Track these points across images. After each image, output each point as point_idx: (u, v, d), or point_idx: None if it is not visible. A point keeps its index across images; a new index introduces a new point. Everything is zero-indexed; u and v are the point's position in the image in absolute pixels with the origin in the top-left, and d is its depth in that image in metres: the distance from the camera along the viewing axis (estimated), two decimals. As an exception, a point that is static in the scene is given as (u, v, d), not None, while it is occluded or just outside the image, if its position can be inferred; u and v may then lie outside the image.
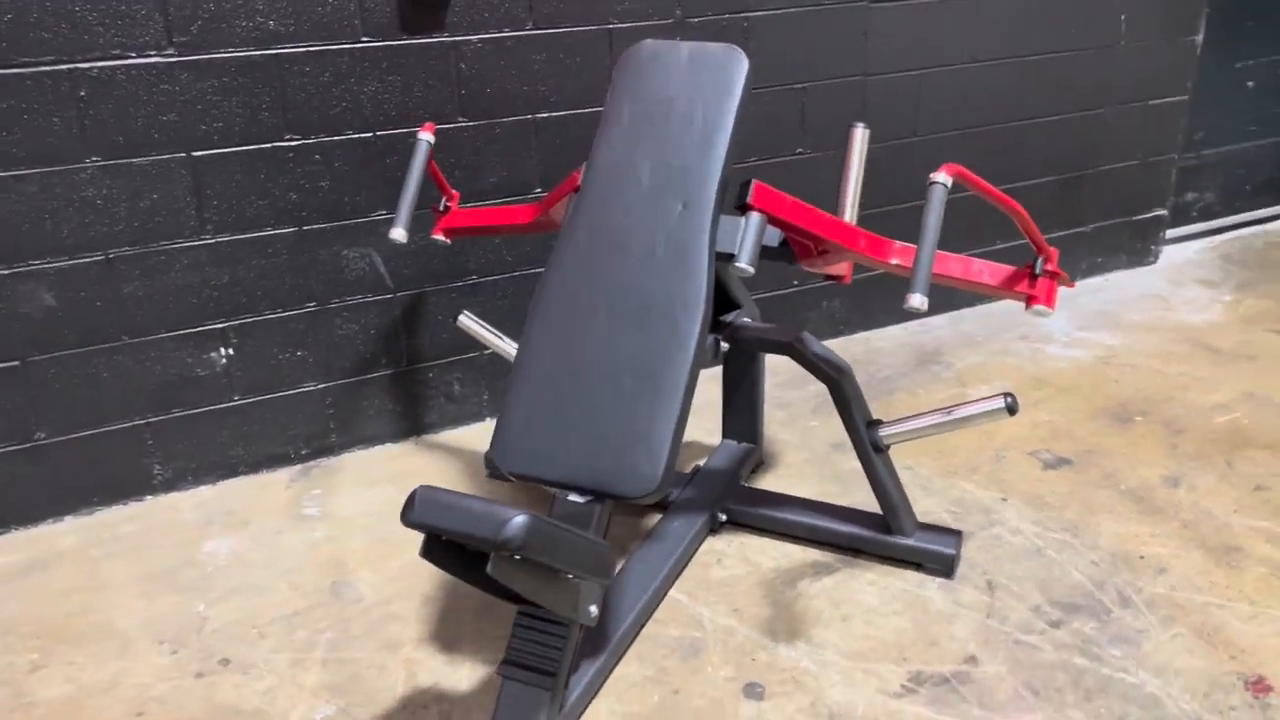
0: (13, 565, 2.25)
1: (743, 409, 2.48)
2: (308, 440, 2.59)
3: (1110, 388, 2.92)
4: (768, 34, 2.79)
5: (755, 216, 1.83)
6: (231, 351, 2.45)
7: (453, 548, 1.52)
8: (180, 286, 2.35)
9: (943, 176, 1.67)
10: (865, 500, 2.36)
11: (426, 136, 2.15)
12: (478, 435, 2.74)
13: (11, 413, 2.28)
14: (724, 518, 2.28)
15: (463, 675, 1.91)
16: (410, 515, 1.43)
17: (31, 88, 2.10)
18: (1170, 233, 3.90)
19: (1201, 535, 2.26)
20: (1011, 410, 1.99)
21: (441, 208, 2.35)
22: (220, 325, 2.42)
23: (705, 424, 2.71)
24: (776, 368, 3.02)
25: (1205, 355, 3.10)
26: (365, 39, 2.35)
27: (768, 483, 2.50)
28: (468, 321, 2.43)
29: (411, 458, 2.64)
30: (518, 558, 1.44)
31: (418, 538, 2.21)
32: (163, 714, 1.83)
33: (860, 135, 2.17)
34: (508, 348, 2.42)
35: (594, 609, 1.69)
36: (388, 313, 2.58)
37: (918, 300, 1.62)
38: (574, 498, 1.73)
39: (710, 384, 2.77)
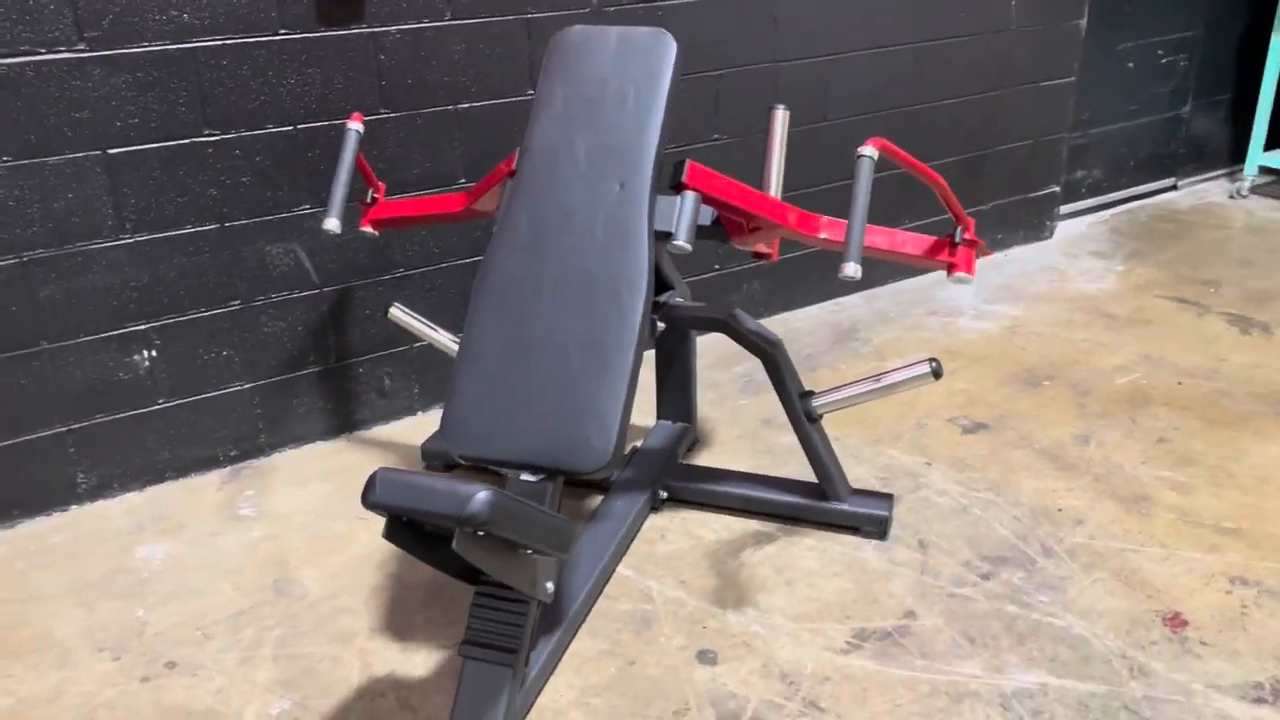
0: (-66, 583, 2.17)
1: (676, 389, 2.53)
2: (236, 441, 2.55)
3: (1018, 355, 3.06)
4: (682, 21, 2.84)
5: (690, 195, 1.88)
6: (155, 353, 2.40)
7: (413, 528, 1.53)
8: (99, 288, 2.29)
9: (870, 150, 1.74)
10: (797, 472, 2.44)
11: (356, 126, 2.14)
12: (410, 430, 2.73)
13: (-76, 425, 2.19)
14: (665, 495, 2.33)
15: (418, 661, 1.92)
16: (371, 497, 1.44)
17: (-65, 86, 2.03)
18: (1063, 208, 4.09)
19: (1113, 487, 2.39)
20: (937, 374, 2.08)
21: (369, 199, 2.34)
22: (142, 327, 2.36)
23: (639, 405, 2.75)
24: (702, 349, 3.08)
25: (1103, 322, 3.27)
26: (283, 31, 2.33)
27: (703, 460, 2.56)
28: (399, 313, 2.43)
29: (344, 454, 2.62)
30: (481, 534, 1.46)
31: (360, 533, 2.22)
32: (112, 719, 1.80)
33: (781, 117, 2.24)
34: (440, 338, 2.42)
35: (550, 585, 1.71)
36: (314, 308, 2.56)
37: (851, 269, 1.68)
38: (526, 477, 1.75)
39: (643, 366, 2.81)
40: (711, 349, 3.12)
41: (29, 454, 2.31)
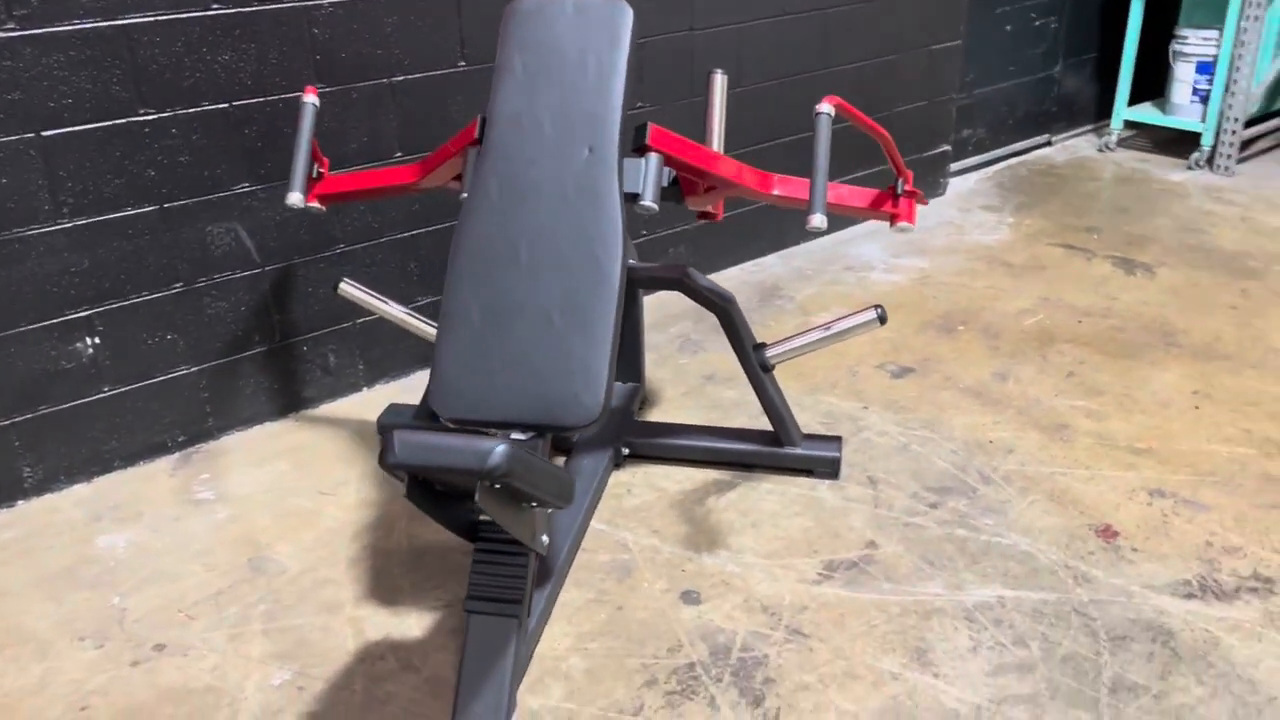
0: (-117, 588, 2.09)
1: (626, 350, 2.60)
2: (184, 426, 2.52)
3: (931, 304, 3.24)
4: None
5: (654, 157, 1.95)
6: (98, 340, 2.34)
7: (424, 486, 1.57)
8: (38, 275, 2.23)
9: (827, 107, 1.85)
10: (746, 423, 2.56)
11: (311, 99, 2.14)
12: (357, 406, 2.73)
13: None
14: (626, 451, 2.41)
15: (411, 623, 1.96)
16: (391, 458, 1.47)
17: None
18: (953, 166, 4.31)
19: (1034, 418, 2.59)
20: (882, 320, 2.22)
21: (314, 175, 2.33)
22: (84, 313, 2.31)
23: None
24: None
25: (1002, 270, 3.49)
26: (215, 6, 2.29)
27: (655, 417, 2.64)
28: (349, 289, 2.43)
29: (295, 433, 2.61)
30: (497, 488, 1.52)
31: (327, 507, 2.25)
32: (107, 705, 1.78)
33: (720, 81, 2.33)
34: (392, 311, 2.44)
35: (545, 538, 1.78)
36: (256, 288, 2.54)
37: (818, 220, 1.79)
38: (516, 435, 1.80)
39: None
40: (646, 311, 3.20)
41: (-29, 450, 2.24)
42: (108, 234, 2.29)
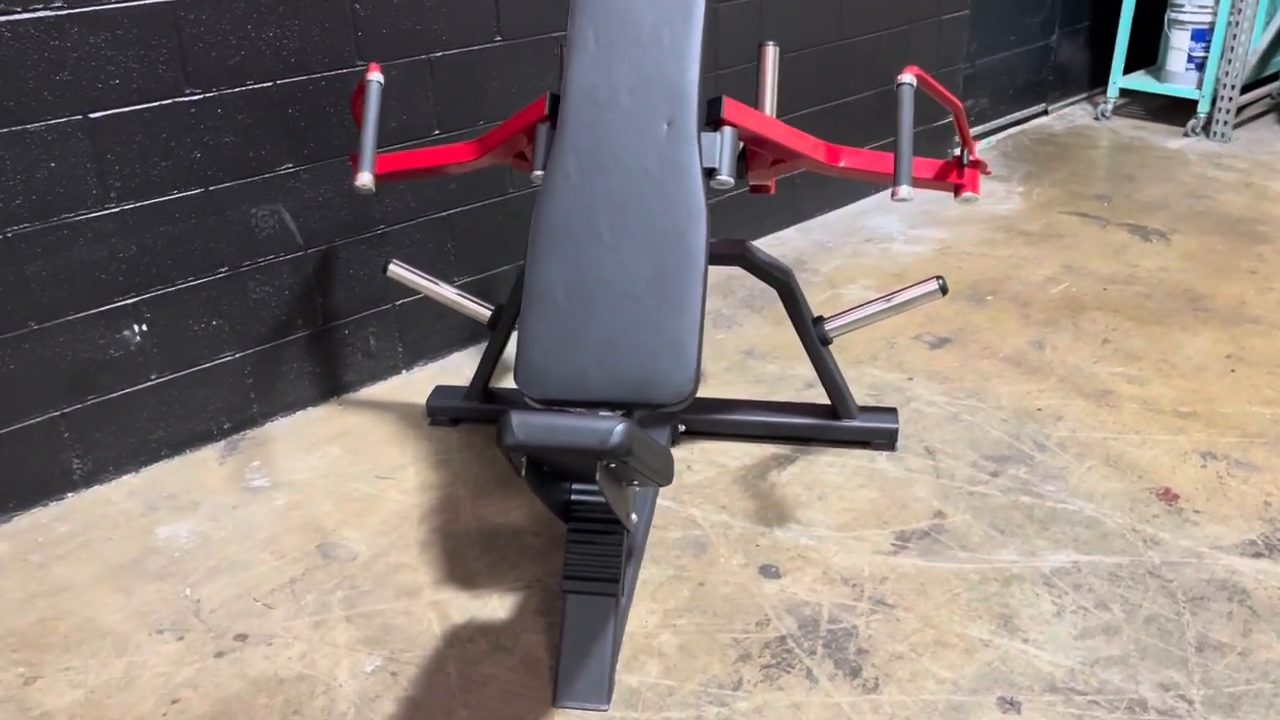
0: (-57, 585, 2.04)
1: (672, 326, 2.60)
2: (229, 413, 2.48)
3: (958, 274, 3.27)
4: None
5: (729, 130, 1.94)
6: (145, 328, 2.29)
7: (533, 466, 1.56)
8: (87, 262, 2.17)
9: (909, 78, 1.85)
10: (793, 396, 2.57)
11: (377, 77, 2.09)
12: (397, 389, 2.70)
13: (-89, 420, 2.04)
14: (682, 428, 2.40)
15: (495, 605, 1.95)
16: (510, 439, 1.46)
17: (-95, 51, 1.87)
18: (958, 136, 4.33)
19: (1078, 385, 2.62)
20: (944, 290, 2.23)
21: (365, 154, 2.28)
22: (132, 300, 2.25)
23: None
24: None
25: (1021, 239, 3.52)
26: (260, -18, 2.24)
27: (702, 393, 2.64)
28: (398, 269, 2.40)
29: (341, 418, 2.58)
30: (613, 466, 1.51)
31: (388, 490, 2.24)
32: (200, 697, 1.76)
33: (772, 52, 2.32)
34: (443, 292, 2.41)
35: (634, 515, 1.78)
36: (300, 270, 2.49)
37: (906, 191, 1.80)
38: (604, 414, 1.79)
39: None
40: (675, 288, 3.19)
41: (20, 443, 2.18)
42: (155, 218, 2.24)
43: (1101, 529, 2.10)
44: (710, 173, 1.93)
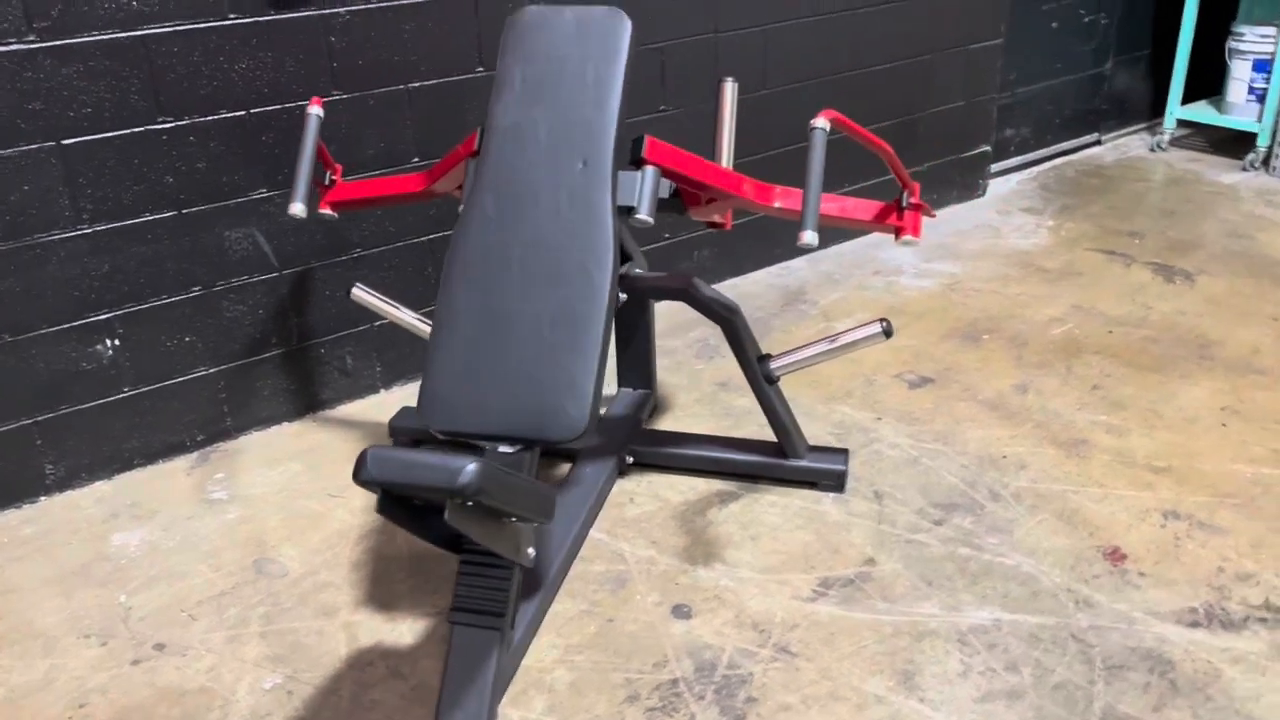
0: (-92, 580, 2.18)
1: (636, 357, 2.60)
2: (203, 426, 2.58)
3: (959, 311, 3.19)
4: (624, -4, 2.89)
5: (650, 170, 1.94)
6: (118, 342, 2.40)
7: (402, 501, 1.59)
8: (59, 279, 2.29)
9: (822, 122, 1.82)
10: (756, 432, 2.54)
11: (316, 110, 2.16)
12: (374, 407, 2.77)
13: (-112, 423, 2.19)
14: (631, 460, 2.41)
15: (403, 630, 1.98)
16: (364, 474, 1.49)
17: (-117, 81, 2.01)
18: (994, 167, 4.23)
19: (1052, 433, 2.53)
20: (887, 333, 2.19)
21: (327, 182, 2.36)
22: (104, 316, 2.37)
23: (597, 375, 2.83)
24: (657, 317, 3.16)
25: (1037, 275, 3.41)
26: (232, 15, 2.33)
27: (664, 424, 2.64)
28: (361, 294, 2.46)
29: (311, 434, 2.66)
30: (470, 504, 1.53)
31: (335, 510, 2.27)
32: (106, 703, 1.84)
33: (730, 89, 2.32)
34: (404, 316, 2.46)
35: (531, 551, 1.79)
36: (275, 291, 2.58)
37: (809, 236, 1.77)
38: (504, 448, 1.81)
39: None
40: (665, 316, 3.20)
41: (-5, 447, 2.32)
42: (127, 239, 2.35)
43: (1034, 586, 2.03)
44: (629, 210, 1.94)
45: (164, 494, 2.43)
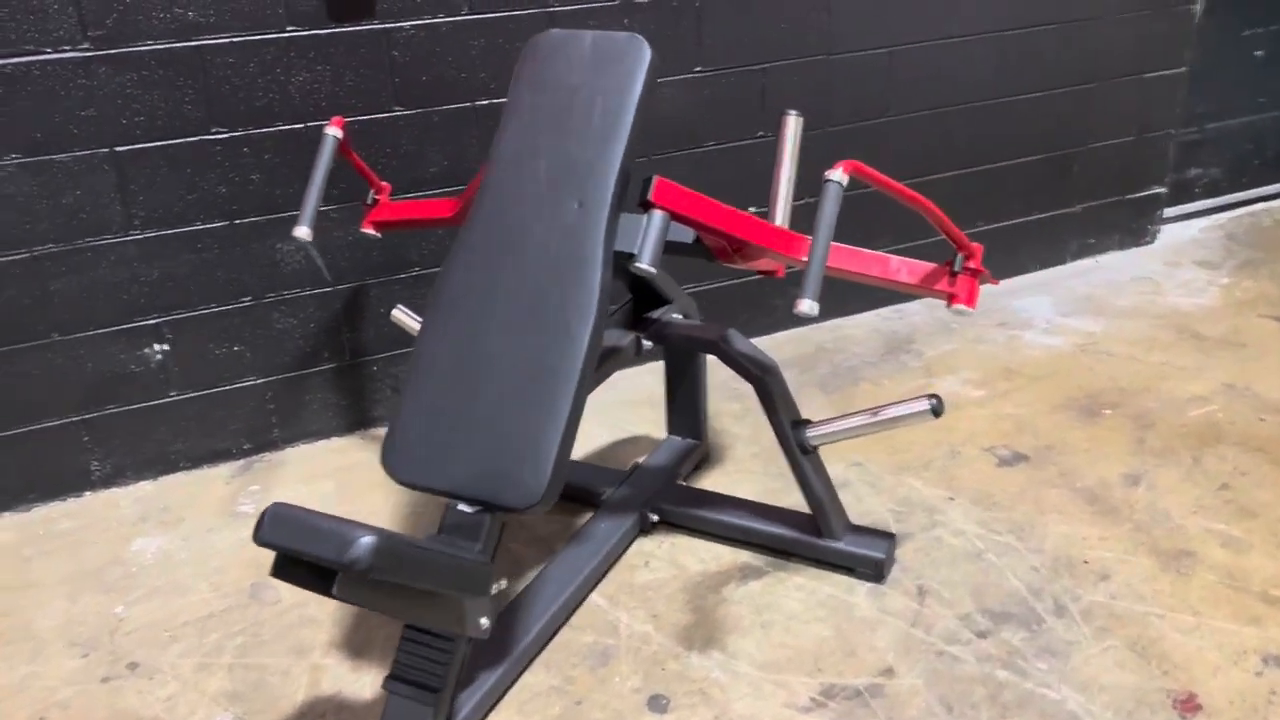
0: (-56, 563, 2.27)
1: (685, 405, 2.41)
2: (250, 435, 2.57)
3: (1083, 378, 2.81)
4: (723, 12, 2.69)
5: (657, 214, 1.75)
6: (167, 347, 2.43)
7: (309, 566, 1.48)
8: (109, 283, 2.33)
9: (838, 174, 1.58)
10: (803, 503, 2.29)
11: (334, 132, 2.09)
12: (426, 428, 2.69)
13: (-57, 411, 2.28)
14: (655, 518, 2.22)
15: (365, 683, 1.88)
16: (259, 534, 1.39)
17: (-56, 85, 2.09)
18: (1171, 211, 3.74)
19: (1153, 539, 2.16)
20: (936, 413, 1.91)
21: (369, 201, 2.29)
22: (154, 321, 2.40)
23: (650, 418, 2.66)
24: (737, 357, 2.95)
25: (1190, 343, 2.97)
26: (291, 28, 2.30)
27: (713, 479, 2.44)
28: (402, 315, 2.38)
29: (356, 451, 2.61)
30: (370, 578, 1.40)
31: None
32: (63, 718, 1.82)
33: (793, 124, 2.08)
34: (442, 343, 2.37)
35: (485, 621, 1.65)
36: (328, 306, 2.55)
37: (807, 305, 1.54)
38: (463, 507, 1.68)
39: (653, 378, 2.71)
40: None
41: (44, 441, 2.38)
42: (177, 246, 2.36)
43: (1075, 732, 1.71)
44: (631, 257, 1.75)
45: (197, 501, 2.43)
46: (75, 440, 2.41)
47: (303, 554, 1.37)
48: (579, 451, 2.57)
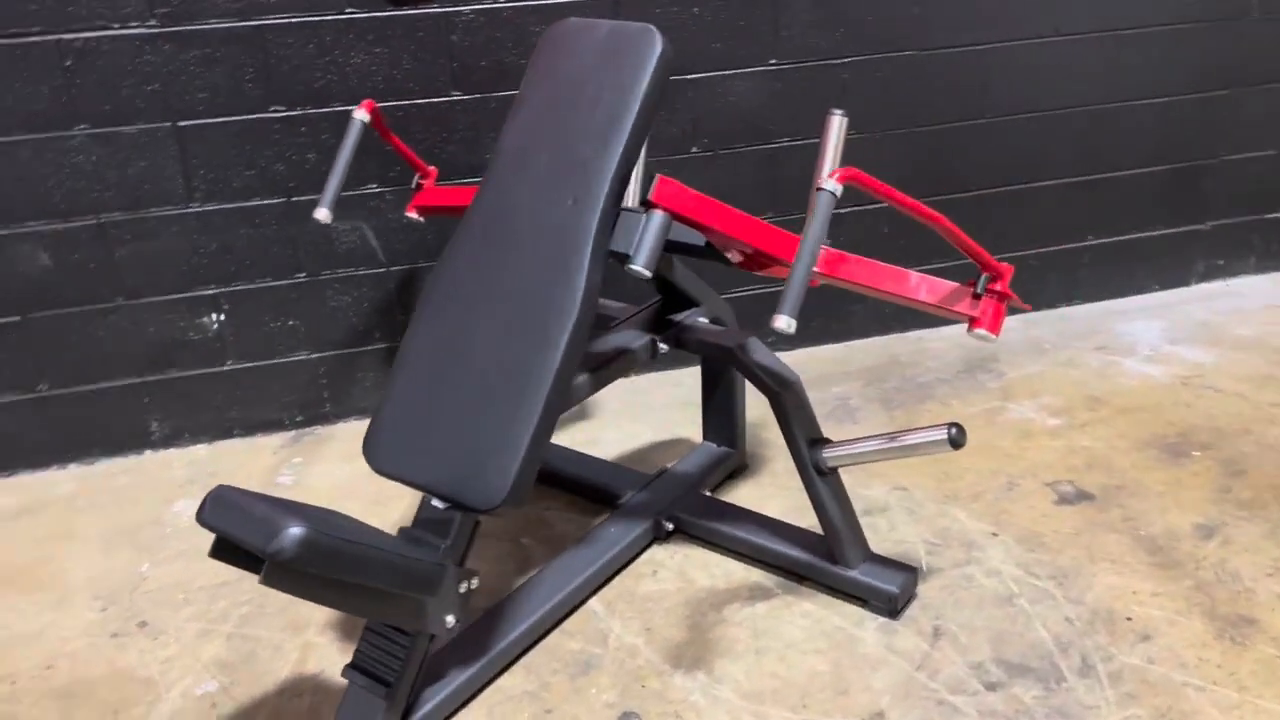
0: (6, 508, 2.40)
1: (719, 412, 2.33)
2: (302, 408, 2.63)
3: (1178, 413, 2.56)
4: (798, 4, 2.57)
5: (657, 215, 1.67)
6: (223, 317, 2.50)
7: (246, 551, 1.48)
8: (171, 252, 2.42)
9: (832, 184, 1.47)
10: (830, 522, 2.17)
11: (361, 115, 2.09)
12: (475, 414, 2.70)
13: (15, 364, 2.41)
14: (670, 526, 2.15)
15: (350, 666, 1.88)
16: (201, 515, 1.40)
17: (20, 57, 2.19)
18: (1321, 234, 3.38)
19: (1213, 600, 1.95)
20: (955, 444, 1.76)
21: (415, 185, 2.30)
22: (211, 291, 2.47)
23: (686, 423, 2.58)
24: (800, 363, 2.83)
25: (1312, 383, 2.68)
26: (350, 10, 2.32)
27: (744, 490, 2.34)
28: (443, 301, 2.38)
29: (402, 432, 2.63)
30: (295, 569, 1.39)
31: (370, 518, 2.19)
32: (66, 670, 1.90)
33: (837, 124, 1.95)
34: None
35: (450, 618, 1.62)
36: (381, 286, 2.57)
37: (783, 322, 1.43)
38: (436, 503, 1.66)
39: (691, 382, 2.62)
40: (809, 365, 2.85)
41: (108, 399, 2.50)
42: (236, 221, 2.43)
43: (1068, 808, 1.55)
44: (625, 258, 1.69)
45: (243, 469, 2.51)
46: (137, 401, 2.52)
47: (234, 539, 1.37)
48: (612, 449, 2.52)
